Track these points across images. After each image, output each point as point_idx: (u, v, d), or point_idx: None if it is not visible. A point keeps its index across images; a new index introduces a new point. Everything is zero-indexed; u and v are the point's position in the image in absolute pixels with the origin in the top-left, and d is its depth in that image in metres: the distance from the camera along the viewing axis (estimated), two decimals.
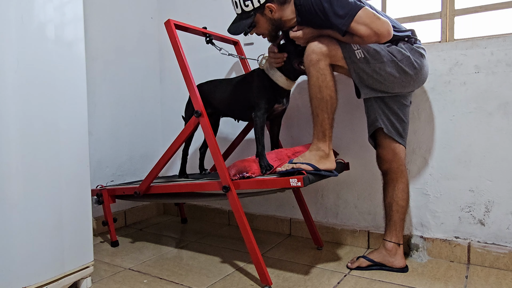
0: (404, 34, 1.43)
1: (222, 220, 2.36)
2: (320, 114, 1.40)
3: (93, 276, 1.50)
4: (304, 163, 1.37)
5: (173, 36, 1.55)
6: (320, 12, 1.30)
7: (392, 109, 1.47)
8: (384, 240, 1.54)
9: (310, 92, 1.40)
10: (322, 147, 1.41)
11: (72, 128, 1.35)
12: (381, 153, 1.53)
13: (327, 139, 1.42)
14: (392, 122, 1.48)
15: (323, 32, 1.38)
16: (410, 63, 1.38)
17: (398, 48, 1.39)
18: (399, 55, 1.37)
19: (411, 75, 1.39)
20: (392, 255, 1.52)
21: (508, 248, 1.52)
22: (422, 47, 1.44)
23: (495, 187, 1.55)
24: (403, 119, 1.50)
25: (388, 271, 1.52)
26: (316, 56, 1.35)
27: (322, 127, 1.41)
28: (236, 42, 2.02)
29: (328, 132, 1.42)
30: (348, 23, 1.26)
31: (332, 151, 1.45)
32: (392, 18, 1.50)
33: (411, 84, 1.43)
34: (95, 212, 2.04)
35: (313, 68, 1.37)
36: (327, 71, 1.36)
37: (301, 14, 1.39)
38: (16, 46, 1.17)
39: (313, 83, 1.39)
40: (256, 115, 1.53)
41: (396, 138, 1.48)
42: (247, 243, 1.42)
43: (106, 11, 2.21)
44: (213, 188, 1.52)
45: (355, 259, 1.57)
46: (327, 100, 1.38)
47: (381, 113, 1.48)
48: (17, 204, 1.17)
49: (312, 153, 1.42)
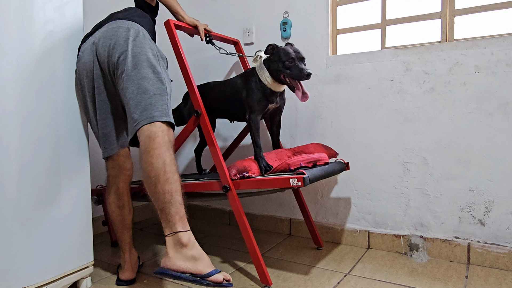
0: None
1: (222, 220, 2.36)
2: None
3: (93, 276, 1.50)
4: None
5: (173, 36, 1.55)
6: None
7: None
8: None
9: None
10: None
11: (72, 128, 1.35)
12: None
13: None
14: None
15: None
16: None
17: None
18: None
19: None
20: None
21: (508, 248, 1.52)
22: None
23: (495, 187, 1.55)
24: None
25: (388, 271, 1.52)
26: None
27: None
28: (236, 42, 2.02)
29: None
30: None
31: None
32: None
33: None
34: (95, 212, 2.04)
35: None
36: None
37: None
38: (16, 46, 1.17)
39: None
40: (249, 117, 1.53)
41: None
42: (247, 243, 1.42)
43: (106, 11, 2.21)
44: (213, 188, 1.52)
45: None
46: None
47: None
48: (17, 204, 1.17)
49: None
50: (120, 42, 1.25)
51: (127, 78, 1.22)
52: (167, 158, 1.16)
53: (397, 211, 1.76)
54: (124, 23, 1.30)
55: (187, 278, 1.08)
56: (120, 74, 1.24)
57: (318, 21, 1.93)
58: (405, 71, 1.70)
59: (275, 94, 1.57)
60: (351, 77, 1.84)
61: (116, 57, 1.24)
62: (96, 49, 1.29)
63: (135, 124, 1.20)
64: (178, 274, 1.08)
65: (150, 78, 1.22)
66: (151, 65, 1.24)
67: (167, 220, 1.13)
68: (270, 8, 2.08)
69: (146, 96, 1.20)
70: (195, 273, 1.07)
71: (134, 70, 1.21)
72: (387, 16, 1.83)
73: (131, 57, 1.22)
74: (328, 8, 1.90)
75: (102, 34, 1.30)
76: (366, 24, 1.89)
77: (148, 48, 1.27)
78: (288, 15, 2.02)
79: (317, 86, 1.94)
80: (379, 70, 1.77)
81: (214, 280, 1.07)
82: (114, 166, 1.40)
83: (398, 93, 1.73)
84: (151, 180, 1.15)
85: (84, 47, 1.33)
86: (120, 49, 1.24)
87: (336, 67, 1.88)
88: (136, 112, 1.19)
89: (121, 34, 1.26)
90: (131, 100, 1.21)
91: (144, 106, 1.19)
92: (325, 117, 1.92)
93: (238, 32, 2.19)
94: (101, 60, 1.29)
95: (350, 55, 1.84)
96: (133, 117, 1.20)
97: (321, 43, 1.92)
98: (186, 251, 1.10)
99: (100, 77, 1.31)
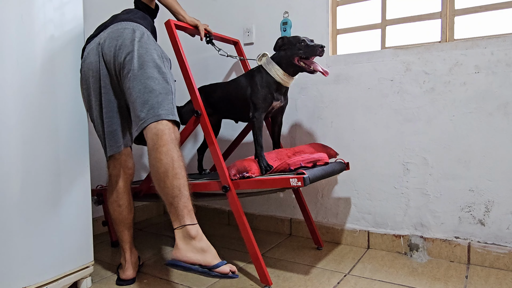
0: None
1: (222, 220, 2.36)
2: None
3: (93, 276, 1.50)
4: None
5: (173, 36, 1.55)
6: None
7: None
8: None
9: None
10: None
11: (72, 128, 1.35)
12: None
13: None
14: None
15: None
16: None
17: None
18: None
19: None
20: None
21: (508, 248, 1.52)
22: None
23: (495, 187, 1.55)
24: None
25: (388, 271, 1.52)
26: None
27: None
28: (236, 42, 2.02)
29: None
30: None
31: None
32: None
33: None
34: (95, 212, 2.04)
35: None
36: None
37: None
38: (16, 46, 1.17)
39: None
40: (253, 115, 1.53)
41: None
42: (247, 243, 1.42)
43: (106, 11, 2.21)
44: (213, 188, 1.52)
45: None
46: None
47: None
48: (17, 204, 1.17)
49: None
50: (126, 43, 1.28)
51: (134, 77, 1.25)
52: (175, 154, 1.20)
53: (397, 211, 1.76)
54: (129, 25, 1.33)
55: (196, 269, 1.10)
56: (126, 74, 1.27)
57: (318, 21, 1.93)
58: (405, 71, 1.70)
59: (281, 90, 1.57)
60: (351, 77, 1.84)
61: (122, 57, 1.27)
62: (102, 50, 1.32)
63: (141, 122, 1.23)
64: (188, 266, 1.11)
65: (156, 78, 1.25)
66: (157, 65, 1.27)
67: (176, 214, 1.16)
68: (270, 8, 2.08)
69: (153, 95, 1.23)
70: (204, 264, 1.10)
71: (141, 70, 1.25)
72: (387, 16, 1.83)
73: (137, 58, 1.26)
74: (328, 8, 1.90)
75: (107, 35, 1.33)
76: (366, 24, 1.89)
77: (153, 49, 1.30)
78: (288, 15, 2.02)
79: (317, 86, 1.94)
80: (379, 70, 1.77)
81: (221, 271, 1.09)
82: (116, 165, 1.41)
83: (398, 93, 1.73)
84: (160, 175, 1.18)
85: (89, 48, 1.35)
86: (127, 49, 1.27)
87: (336, 67, 1.88)
88: (143, 110, 1.22)
89: (127, 35, 1.29)
90: (138, 99, 1.24)
91: (151, 105, 1.23)
92: (325, 117, 1.92)
93: (238, 32, 2.19)
94: (107, 60, 1.31)
95: (350, 55, 1.84)
96: (140, 115, 1.23)
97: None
98: (195, 243, 1.12)
99: (107, 77, 1.34)
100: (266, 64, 1.56)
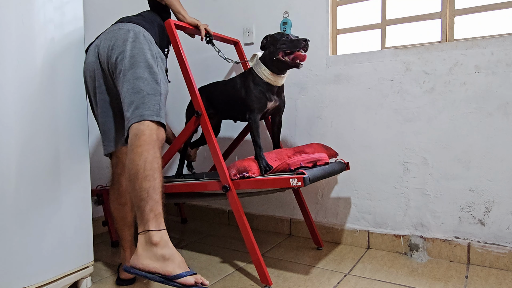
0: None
1: (222, 220, 2.36)
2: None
3: (93, 276, 1.50)
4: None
5: (173, 36, 1.55)
6: None
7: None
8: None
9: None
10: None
11: (72, 128, 1.35)
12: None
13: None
14: None
15: None
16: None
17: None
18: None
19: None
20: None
21: (508, 248, 1.52)
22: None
23: (495, 187, 1.55)
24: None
25: (388, 271, 1.52)
26: None
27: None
28: (236, 42, 2.02)
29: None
30: None
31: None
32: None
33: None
34: (95, 212, 2.04)
35: None
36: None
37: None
38: (16, 46, 1.17)
39: None
40: (249, 117, 1.53)
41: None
42: (247, 243, 1.42)
43: (106, 11, 2.21)
44: (213, 188, 1.52)
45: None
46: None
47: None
48: (17, 204, 1.17)
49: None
50: (118, 43, 1.29)
51: (124, 77, 1.25)
52: (150, 155, 1.15)
53: (397, 211, 1.76)
54: (125, 25, 1.35)
55: (154, 278, 1.04)
56: (118, 74, 1.27)
57: (318, 21, 1.93)
58: (405, 71, 1.71)
59: (273, 90, 1.57)
60: (351, 77, 1.84)
61: (114, 58, 1.28)
62: (98, 50, 1.35)
63: (127, 122, 1.23)
64: (144, 274, 1.04)
65: (145, 78, 1.25)
66: (148, 65, 1.27)
67: (141, 217, 1.11)
68: (270, 8, 2.08)
69: (139, 96, 1.23)
70: (163, 273, 1.03)
71: (131, 70, 1.25)
72: (387, 16, 1.83)
73: (128, 58, 1.26)
74: (328, 8, 1.90)
75: (104, 36, 1.35)
76: (366, 24, 1.89)
77: (147, 49, 1.30)
78: (288, 15, 2.02)
79: (317, 86, 1.94)
80: (379, 70, 1.77)
81: (183, 282, 1.01)
82: (118, 163, 1.42)
83: (398, 93, 1.73)
84: (131, 177, 1.15)
85: (89, 49, 1.40)
86: (119, 49, 1.28)
87: (336, 67, 1.88)
88: (128, 110, 1.23)
89: (120, 36, 1.30)
90: (126, 99, 1.24)
91: (136, 105, 1.22)
92: (325, 117, 1.92)
93: (238, 32, 2.19)
94: (102, 61, 1.33)
95: (350, 55, 1.84)
96: (126, 116, 1.24)
97: (321, 43, 1.93)
98: (156, 250, 1.06)
99: (101, 77, 1.35)
100: (255, 65, 1.57)
